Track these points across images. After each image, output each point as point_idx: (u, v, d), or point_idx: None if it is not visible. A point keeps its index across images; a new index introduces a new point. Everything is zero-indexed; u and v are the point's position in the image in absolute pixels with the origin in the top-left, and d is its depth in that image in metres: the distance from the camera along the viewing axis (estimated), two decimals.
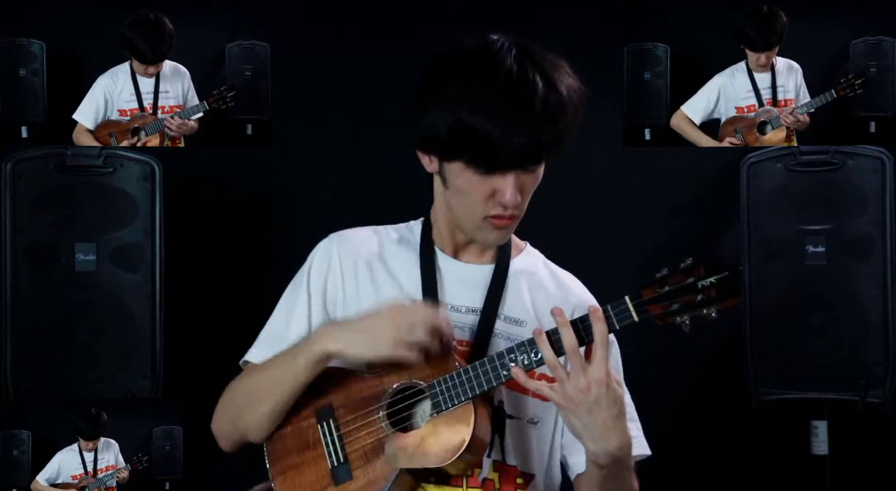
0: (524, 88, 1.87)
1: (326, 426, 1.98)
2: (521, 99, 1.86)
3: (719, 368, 3.81)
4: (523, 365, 1.86)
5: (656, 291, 1.81)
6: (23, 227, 3.60)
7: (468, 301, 2.02)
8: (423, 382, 1.92)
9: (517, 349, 1.87)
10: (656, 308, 1.81)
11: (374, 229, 2.12)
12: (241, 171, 3.97)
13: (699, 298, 1.79)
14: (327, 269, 2.07)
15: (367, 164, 3.84)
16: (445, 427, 1.89)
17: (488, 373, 1.87)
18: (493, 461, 1.98)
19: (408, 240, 2.08)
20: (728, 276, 1.78)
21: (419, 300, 1.98)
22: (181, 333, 3.69)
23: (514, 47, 1.91)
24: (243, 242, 3.92)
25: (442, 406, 1.90)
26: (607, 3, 4.00)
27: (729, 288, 1.78)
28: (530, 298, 2.05)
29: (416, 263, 2.05)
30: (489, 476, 1.98)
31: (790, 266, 3.65)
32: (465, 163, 1.90)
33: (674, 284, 1.80)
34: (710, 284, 1.78)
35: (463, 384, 1.88)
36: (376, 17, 3.93)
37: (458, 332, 1.98)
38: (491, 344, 1.99)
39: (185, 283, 3.73)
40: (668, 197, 3.95)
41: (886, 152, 3.64)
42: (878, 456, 3.83)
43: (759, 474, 3.87)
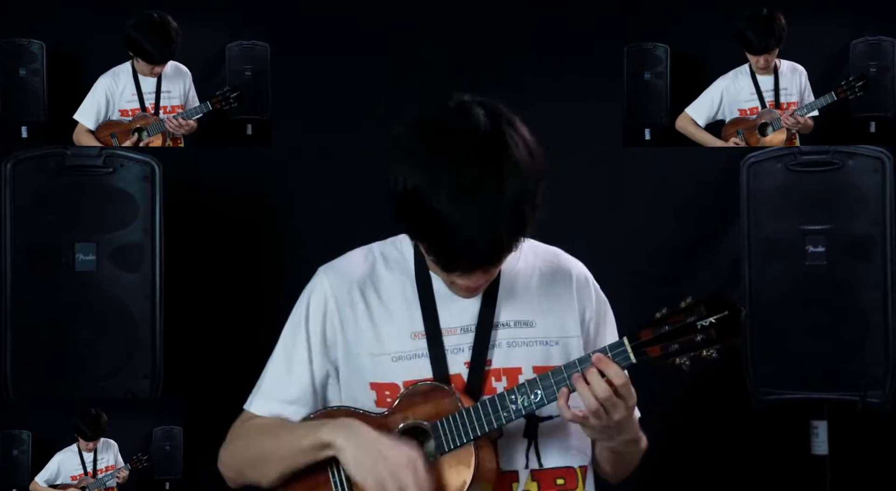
0: (490, 199, 1.82)
1: (335, 467, 1.98)
2: (488, 212, 1.82)
3: (719, 368, 3.80)
4: (523, 407, 1.88)
5: (655, 332, 1.80)
6: (23, 228, 3.60)
7: (465, 320, 2.01)
8: (427, 421, 1.93)
9: (517, 391, 1.89)
10: (655, 350, 1.81)
11: (363, 253, 2.11)
12: (241, 171, 3.97)
13: (699, 338, 1.78)
14: (323, 311, 2.06)
15: (366, 164, 3.83)
16: (447, 468, 1.91)
17: (489, 414, 1.90)
18: (531, 471, 2.00)
19: (397, 261, 2.07)
20: (728, 315, 1.76)
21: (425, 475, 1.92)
22: (181, 332, 3.69)
23: (496, 138, 1.86)
24: (243, 242, 3.92)
25: (444, 447, 1.91)
26: (607, 3, 3.99)
27: (729, 327, 1.77)
28: (536, 295, 2.05)
29: (409, 287, 2.03)
30: (527, 487, 1.99)
31: (790, 266, 3.65)
32: (436, 261, 1.92)
33: (673, 323, 1.79)
34: (710, 324, 1.77)
35: (465, 425, 1.90)
36: (376, 17, 3.93)
37: (461, 354, 1.99)
38: (497, 356, 1.99)
39: (185, 283, 3.72)
40: (668, 197, 3.95)
41: (886, 152, 3.64)
42: (878, 456, 3.84)
43: (759, 474, 3.87)
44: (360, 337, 2.03)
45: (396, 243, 2.09)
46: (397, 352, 2.00)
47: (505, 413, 1.89)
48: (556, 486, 2.00)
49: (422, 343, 2.00)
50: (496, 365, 1.99)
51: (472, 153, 1.83)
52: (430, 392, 1.94)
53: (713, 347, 1.77)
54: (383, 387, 2.00)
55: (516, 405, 1.88)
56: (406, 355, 2.00)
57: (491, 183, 1.82)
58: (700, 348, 1.78)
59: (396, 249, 2.09)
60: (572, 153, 3.74)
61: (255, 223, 3.94)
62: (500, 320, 2.01)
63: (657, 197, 3.94)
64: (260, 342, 3.99)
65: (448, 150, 1.84)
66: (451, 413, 1.91)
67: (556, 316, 2.03)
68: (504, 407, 1.89)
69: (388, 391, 1.99)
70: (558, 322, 2.03)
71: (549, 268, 2.08)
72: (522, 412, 1.90)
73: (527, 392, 1.87)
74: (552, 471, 2.00)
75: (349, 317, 2.04)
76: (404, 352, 2.00)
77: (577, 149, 3.81)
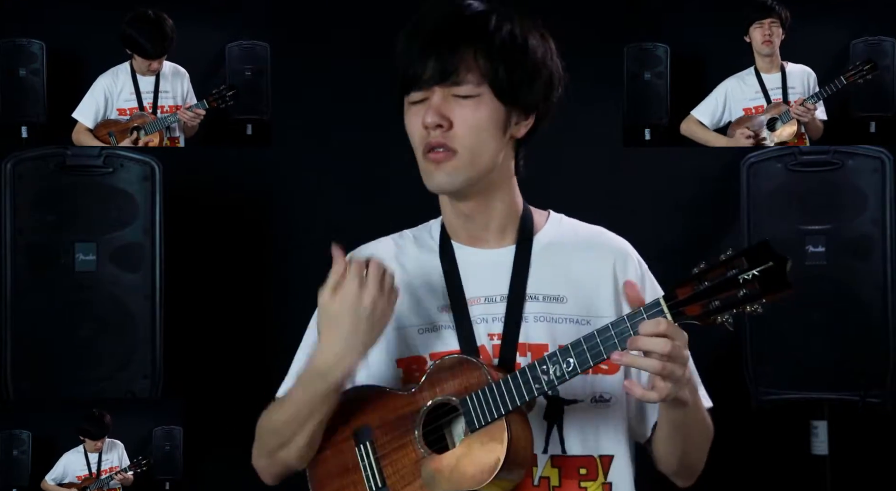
0: (454, 8, 1.89)
1: (364, 449, 1.93)
2: (444, 15, 1.88)
3: (719, 368, 3.80)
4: (556, 377, 1.78)
5: (694, 289, 1.68)
6: (23, 228, 3.60)
7: (495, 289, 1.95)
8: (456, 397, 1.85)
9: (549, 360, 1.78)
10: (695, 309, 1.68)
11: (392, 236, 2.07)
12: (241, 171, 3.97)
13: (742, 293, 1.65)
14: None
15: (367, 164, 3.84)
16: (479, 446, 1.82)
17: (520, 387, 1.80)
18: (551, 457, 1.91)
19: (423, 239, 2.04)
20: (773, 266, 1.64)
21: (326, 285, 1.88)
22: (181, 333, 3.69)
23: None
24: (243, 242, 3.92)
25: (475, 424, 1.83)
26: (607, 3, 3.99)
27: (776, 279, 1.64)
28: (567, 270, 1.96)
29: (433, 260, 1.99)
30: (545, 474, 1.91)
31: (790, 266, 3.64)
32: (402, 95, 1.91)
33: (713, 279, 1.67)
34: (752, 277, 1.65)
35: (495, 399, 1.81)
36: (376, 17, 3.92)
37: (485, 325, 1.93)
38: (523, 331, 1.92)
39: (185, 283, 3.72)
40: (669, 197, 3.95)
41: (886, 152, 3.64)
42: (878, 456, 3.83)
43: (759, 474, 3.87)
44: None
45: (426, 226, 2.07)
46: (423, 324, 1.96)
47: (537, 385, 1.78)
48: (578, 475, 1.92)
49: (447, 315, 1.95)
50: (523, 340, 1.92)
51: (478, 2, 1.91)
52: (457, 366, 1.86)
53: (758, 301, 1.64)
54: (410, 361, 1.95)
55: (548, 376, 1.77)
56: (432, 327, 1.95)
57: (480, 8, 1.89)
58: (744, 304, 1.65)
59: (425, 230, 2.06)
60: (572, 153, 3.74)
61: (255, 223, 3.94)
62: (529, 292, 1.94)
63: (657, 197, 3.94)
64: (260, 342, 4.01)
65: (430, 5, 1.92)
66: (481, 387, 1.82)
67: (590, 294, 1.95)
68: (535, 378, 1.78)
69: (414, 365, 1.94)
70: (591, 301, 1.95)
71: (587, 244, 2.00)
72: (555, 383, 1.78)
73: (559, 361, 1.76)
74: (575, 459, 1.91)
75: None
76: (430, 324, 1.95)
77: (577, 149, 3.81)
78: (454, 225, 2.00)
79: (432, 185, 1.91)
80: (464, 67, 1.86)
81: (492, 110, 1.89)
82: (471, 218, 1.97)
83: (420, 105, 1.89)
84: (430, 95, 1.88)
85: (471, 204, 1.95)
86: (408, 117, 1.92)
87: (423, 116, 1.88)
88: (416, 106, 1.90)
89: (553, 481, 1.91)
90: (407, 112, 1.92)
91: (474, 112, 1.88)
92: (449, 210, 1.99)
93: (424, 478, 1.87)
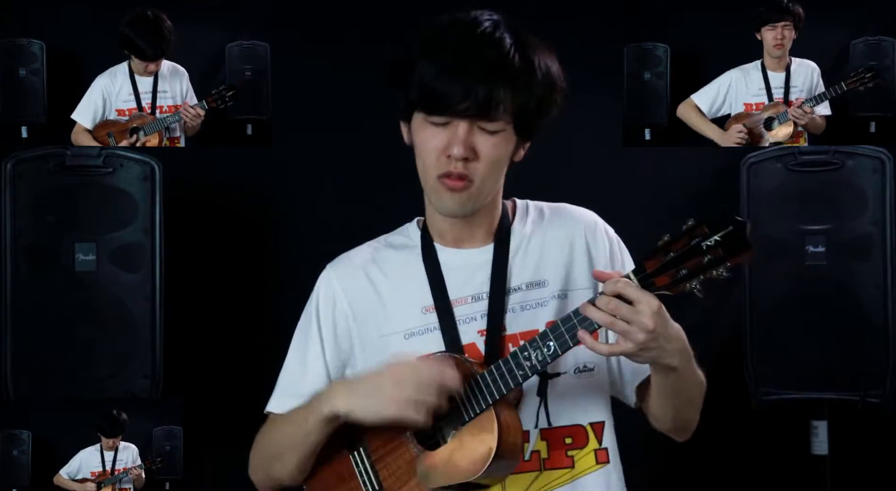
0: (487, 41, 1.87)
1: (358, 456, 1.97)
2: (481, 49, 1.86)
3: (719, 369, 3.80)
4: (538, 362, 1.82)
5: (661, 261, 1.73)
6: (23, 227, 3.60)
7: (481, 287, 1.98)
8: None
9: (530, 346, 1.82)
10: (664, 279, 1.73)
11: (370, 244, 2.10)
12: (241, 171, 3.98)
13: (707, 259, 1.70)
14: (333, 303, 2.05)
15: (366, 164, 3.84)
16: (470, 438, 1.86)
17: (504, 375, 1.84)
18: (540, 430, 1.95)
19: (404, 243, 2.06)
20: (733, 230, 1.69)
21: (424, 358, 1.91)
22: (181, 332, 3.69)
23: (498, 18, 1.92)
24: (243, 242, 3.92)
25: (464, 417, 1.87)
26: (607, 3, 3.99)
27: (736, 243, 1.69)
28: (545, 255, 2.01)
29: (415, 263, 2.02)
30: (536, 447, 1.95)
31: (790, 266, 3.65)
32: (422, 111, 1.90)
33: (678, 249, 1.72)
34: (715, 243, 1.69)
35: (482, 391, 1.86)
36: (376, 17, 3.93)
37: (474, 323, 1.96)
38: (511, 321, 1.95)
39: (185, 283, 3.73)
40: (668, 197, 3.94)
41: (886, 152, 3.64)
42: (878, 456, 3.84)
43: (759, 474, 3.88)
44: (370, 320, 2.01)
45: (402, 230, 2.09)
46: (408, 328, 1.98)
47: (521, 372, 1.83)
48: (564, 445, 1.96)
49: (432, 317, 1.97)
50: (512, 330, 1.96)
51: (491, 23, 1.90)
52: (440, 363, 1.88)
53: (722, 265, 1.69)
54: None
55: (531, 361, 1.82)
56: (417, 331, 1.98)
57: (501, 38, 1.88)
58: (710, 269, 1.70)
59: (402, 235, 2.08)
60: (572, 153, 3.74)
61: (254, 223, 3.94)
62: (511, 286, 1.98)
63: (657, 197, 3.94)
64: (260, 342, 4.00)
65: (466, 20, 1.91)
66: (467, 381, 1.86)
67: (567, 269, 1.99)
68: (518, 365, 1.83)
69: None
70: (569, 275, 1.99)
71: (556, 223, 2.05)
72: (538, 368, 1.83)
73: (539, 346, 1.81)
74: (560, 430, 1.96)
75: (358, 303, 2.03)
76: (415, 327, 1.98)
77: (577, 149, 3.81)
78: (441, 228, 2.03)
79: (443, 209, 1.95)
80: (497, 104, 1.87)
81: (511, 144, 1.94)
82: (459, 224, 2.01)
83: (441, 128, 1.90)
84: (455, 121, 1.89)
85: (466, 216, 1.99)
86: (422, 134, 1.92)
87: (448, 146, 1.89)
88: (435, 127, 1.90)
89: (543, 454, 1.95)
90: (422, 128, 1.92)
91: (497, 147, 1.92)
92: (437, 215, 2.01)
93: (420, 475, 1.90)
